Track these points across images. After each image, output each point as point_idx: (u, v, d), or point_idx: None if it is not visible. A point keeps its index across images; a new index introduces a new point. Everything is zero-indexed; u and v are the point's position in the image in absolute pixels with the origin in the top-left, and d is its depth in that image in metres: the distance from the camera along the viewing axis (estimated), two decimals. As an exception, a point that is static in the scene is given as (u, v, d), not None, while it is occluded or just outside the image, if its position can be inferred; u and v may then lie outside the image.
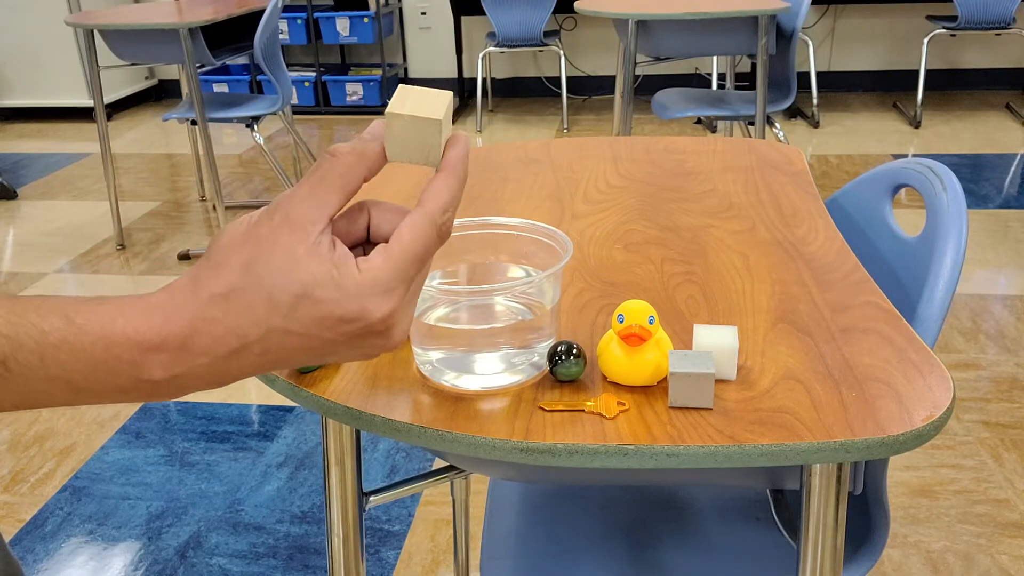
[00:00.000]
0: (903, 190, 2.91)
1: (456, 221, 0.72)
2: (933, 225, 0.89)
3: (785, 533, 0.95)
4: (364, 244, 0.47)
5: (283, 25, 5.00)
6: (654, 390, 0.65)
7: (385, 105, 5.11)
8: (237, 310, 0.41)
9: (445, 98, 0.45)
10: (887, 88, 5.26)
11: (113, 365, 0.41)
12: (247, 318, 0.41)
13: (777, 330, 0.73)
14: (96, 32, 3.01)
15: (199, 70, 4.70)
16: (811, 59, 4.78)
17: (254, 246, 0.42)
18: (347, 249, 0.43)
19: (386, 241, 0.44)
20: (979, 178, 3.66)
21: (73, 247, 3.31)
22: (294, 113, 5.18)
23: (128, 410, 2.22)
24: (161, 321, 0.41)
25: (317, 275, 0.41)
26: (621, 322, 0.63)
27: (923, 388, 0.63)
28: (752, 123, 2.95)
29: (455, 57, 5.30)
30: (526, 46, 4.53)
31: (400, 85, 0.46)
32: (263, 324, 0.42)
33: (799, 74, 5.02)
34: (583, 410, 0.63)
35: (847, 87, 5.29)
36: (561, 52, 4.78)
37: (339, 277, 0.42)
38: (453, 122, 4.84)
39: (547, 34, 4.65)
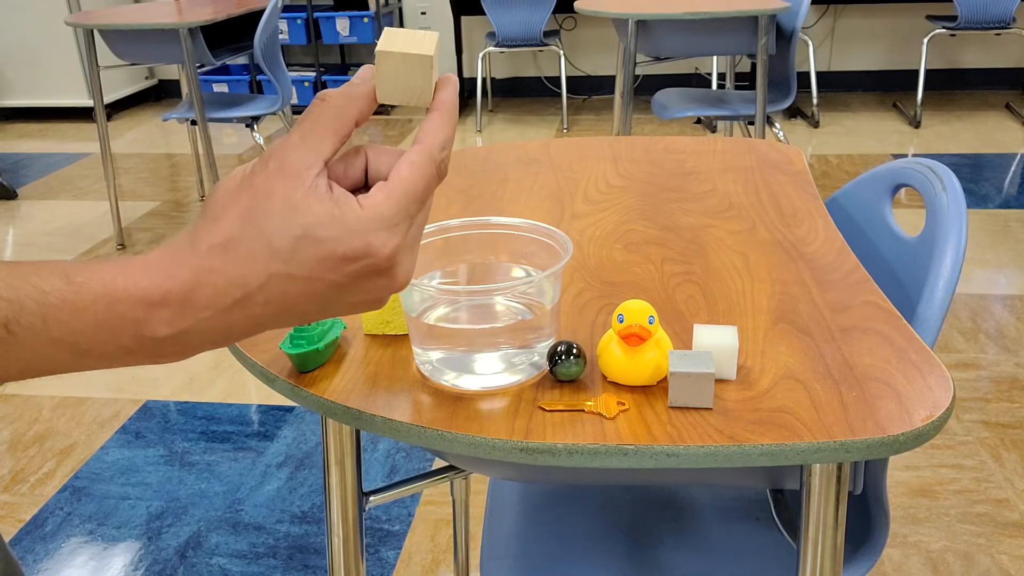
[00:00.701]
0: (903, 190, 2.90)
1: (456, 221, 0.72)
2: (933, 225, 0.89)
3: (785, 533, 0.95)
4: (362, 189, 0.46)
5: (283, 25, 5.00)
6: (654, 390, 0.65)
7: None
8: (237, 259, 0.41)
9: (433, 37, 0.45)
10: (887, 88, 5.26)
11: (116, 323, 0.40)
12: (248, 266, 0.41)
13: (777, 330, 0.73)
14: (96, 32, 3.01)
15: (199, 70, 4.70)
16: (811, 59, 4.78)
17: (250, 196, 0.41)
18: (345, 190, 0.43)
19: (385, 181, 0.44)
20: (979, 178, 3.66)
21: (73, 247, 3.31)
22: (294, 113, 5.18)
23: (128, 410, 2.22)
24: (162, 276, 0.41)
25: (318, 215, 0.41)
26: (621, 322, 0.63)
27: (923, 388, 0.63)
28: (752, 123, 2.95)
29: (455, 57, 5.30)
30: (526, 46, 4.53)
31: (387, 28, 0.45)
32: (264, 271, 0.41)
33: (799, 74, 5.02)
34: (583, 410, 0.63)
35: (847, 87, 5.29)
36: (561, 52, 4.78)
37: (341, 215, 0.41)
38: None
39: (547, 34, 4.65)
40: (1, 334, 0.39)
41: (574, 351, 0.65)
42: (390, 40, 0.44)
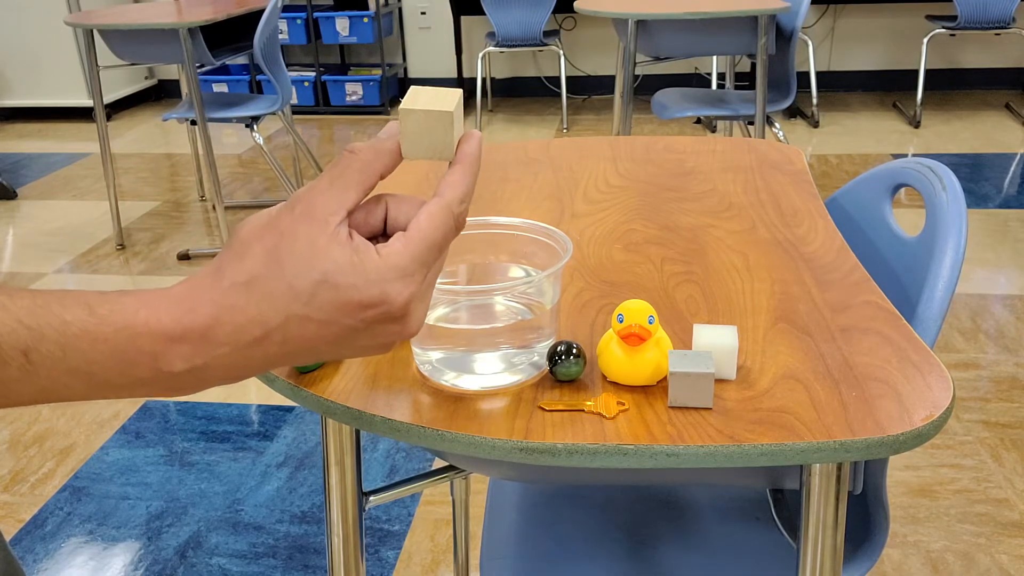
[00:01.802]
0: (903, 190, 2.91)
1: (456, 221, 0.72)
2: (933, 225, 0.89)
3: (785, 533, 0.95)
4: (381, 236, 0.47)
5: (283, 25, 5.00)
6: (654, 390, 0.65)
7: (384, 105, 5.12)
8: (259, 297, 0.42)
9: (456, 94, 0.47)
10: (887, 88, 5.26)
11: (134, 356, 0.41)
12: (268, 305, 0.42)
13: (777, 330, 0.73)
14: (96, 32, 3.01)
15: (199, 70, 4.70)
16: (811, 59, 4.78)
17: (275, 236, 0.43)
18: (364, 238, 0.44)
19: (403, 231, 0.45)
20: (979, 178, 3.66)
21: (73, 247, 3.30)
22: (294, 113, 5.18)
23: (128, 410, 2.22)
24: (183, 311, 0.41)
25: (338, 261, 0.42)
26: (621, 322, 0.63)
27: (923, 388, 0.63)
28: (752, 123, 2.95)
29: (455, 57, 5.29)
30: (526, 46, 4.53)
31: (412, 86, 0.47)
32: (283, 311, 0.42)
33: (799, 74, 5.02)
34: (583, 410, 0.63)
35: (847, 87, 5.29)
36: (561, 52, 4.78)
37: (359, 263, 0.42)
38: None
39: (547, 34, 4.65)
40: (20, 361, 0.39)
41: (574, 351, 0.65)
42: (413, 98, 0.46)
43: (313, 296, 0.42)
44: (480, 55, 4.82)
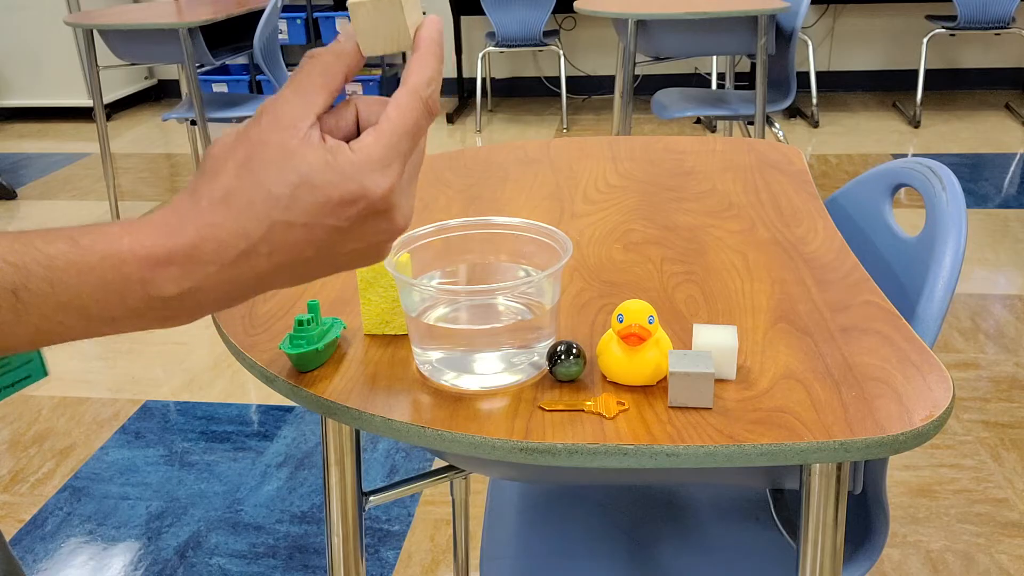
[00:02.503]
0: (903, 190, 2.91)
1: (456, 221, 0.72)
2: (932, 225, 0.89)
3: (785, 533, 0.95)
4: (353, 139, 0.47)
5: (282, 25, 5.00)
6: (654, 390, 0.65)
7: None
8: (238, 210, 0.42)
9: None
10: (887, 88, 5.27)
11: (122, 284, 0.41)
12: (249, 216, 0.42)
13: (776, 330, 0.73)
14: (95, 32, 3.01)
15: (199, 70, 4.70)
16: (811, 59, 4.78)
17: (246, 148, 0.42)
18: (337, 139, 0.44)
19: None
20: (979, 178, 3.66)
21: (73, 247, 3.30)
22: (294, 113, 5.17)
23: (128, 410, 2.22)
24: (166, 234, 0.41)
25: (312, 162, 0.42)
26: (621, 322, 0.64)
27: (922, 387, 0.63)
28: (751, 123, 2.95)
29: (455, 57, 5.29)
30: (525, 46, 4.53)
31: None
32: (265, 219, 0.42)
33: (798, 74, 5.02)
34: (583, 410, 0.63)
35: (846, 87, 5.30)
36: (560, 52, 4.78)
37: (334, 160, 0.42)
38: (452, 120, 4.85)
39: (546, 34, 4.65)
40: (10, 301, 0.39)
41: (574, 351, 0.65)
42: None
43: (293, 200, 0.42)
44: (480, 55, 4.82)
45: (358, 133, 0.46)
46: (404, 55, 5.41)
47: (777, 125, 3.05)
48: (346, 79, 0.45)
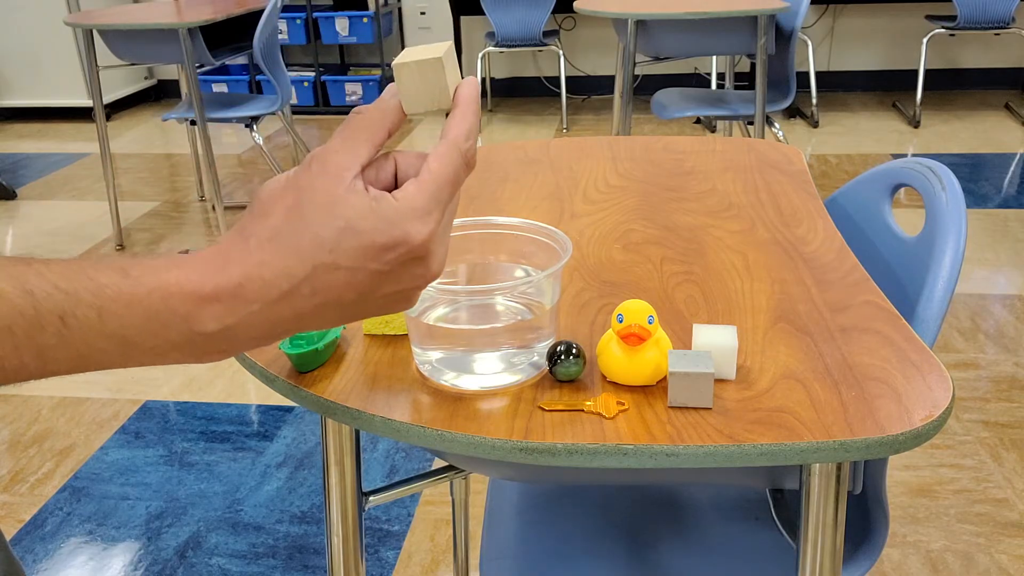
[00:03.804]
0: (902, 190, 2.91)
1: (456, 221, 0.72)
2: (932, 225, 0.89)
3: (785, 533, 0.95)
4: (392, 191, 0.49)
5: (282, 25, 5.00)
6: (653, 390, 0.65)
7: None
8: (285, 251, 0.43)
9: (445, 44, 0.49)
10: (886, 88, 5.27)
11: (167, 317, 0.42)
12: (294, 257, 0.43)
13: (776, 330, 0.73)
14: (95, 32, 3.01)
15: (198, 70, 4.70)
16: (810, 59, 4.78)
17: (295, 193, 0.44)
18: (378, 189, 0.46)
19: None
20: (978, 178, 3.66)
21: (72, 247, 3.30)
22: (293, 113, 5.18)
23: (128, 410, 2.22)
24: (213, 270, 0.43)
25: (358, 208, 0.44)
26: (620, 322, 0.64)
27: (922, 387, 0.63)
28: (751, 123, 2.95)
29: (454, 57, 5.30)
30: (525, 46, 4.53)
31: (406, 47, 0.49)
32: (310, 261, 0.43)
33: (798, 74, 5.02)
34: (583, 410, 0.63)
35: (846, 87, 5.30)
36: (560, 52, 4.78)
37: (378, 208, 0.44)
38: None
39: (546, 34, 4.65)
40: (56, 326, 0.40)
41: (573, 351, 0.65)
42: (405, 54, 0.48)
43: (338, 243, 0.43)
44: (480, 55, 4.82)
45: (395, 185, 0.49)
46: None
47: (777, 125, 3.05)
48: (389, 134, 0.48)
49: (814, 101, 4.66)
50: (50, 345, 0.40)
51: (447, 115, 0.49)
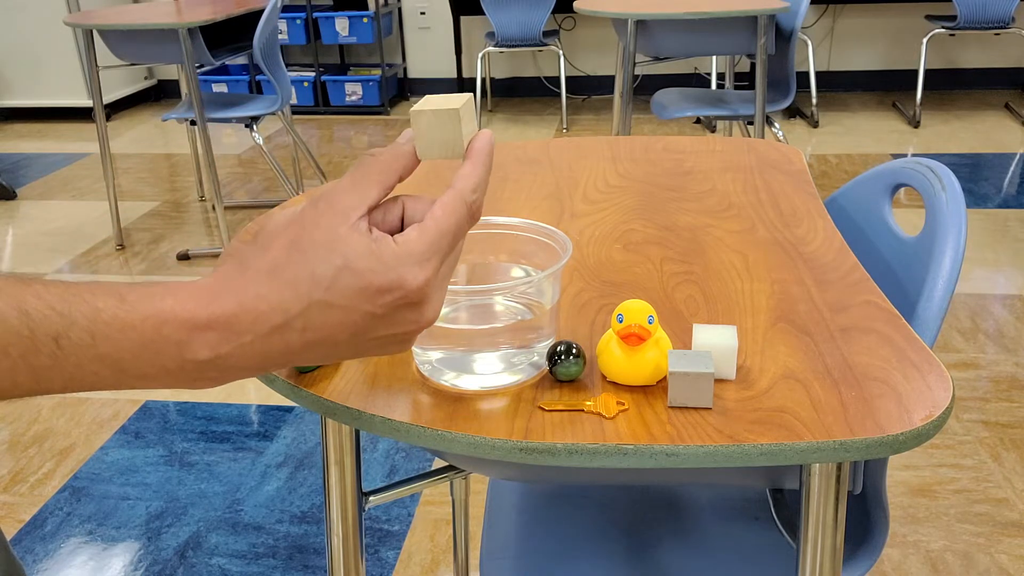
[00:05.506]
0: (902, 190, 2.91)
1: (455, 221, 0.72)
2: (932, 225, 0.89)
3: (785, 533, 0.95)
4: (398, 234, 0.49)
5: (282, 25, 5.00)
6: (653, 390, 0.65)
7: (384, 105, 5.12)
8: (281, 285, 0.43)
9: (465, 95, 0.50)
10: (886, 88, 5.27)
11: (160, 344, 0.42)
12: (290, 292, 0.43)
13: (776, 330, 0.73)
14: (95, 32, 3.01)
15: (198, 70, 4.70)
16: (810, 59, 4.78)
17: (298, 228, 0.45)
18: (382, 232, 0.46)
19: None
20: (978, 178, 3.66)
21: (72, 247, 3.30)
22: (293, 113, 5.18)
23: (128, 410, 2.22)
24: (209, 299, 0.43)
25: (357, 249, 0.44)
26: (620, 322, 0.64)
27: (922, 387, 0.63)
28: (751, 123, 2.95)
29: (454, 57, 5.29)
30: (525, 46, 4.53)
31: (427, 95, 0.50)
32: (306, 297, 0.43)
33: (798, 74, 5.02)
34: (583, 410, 0.63)
35: (846, 87, 5.30)
36: (560, 52, 4.78)
37: (378, 250, 0.44)
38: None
39: (546, 34, 4.65)
40: (51, 347, 0.40)
41: (573, 351, 0.65)
42: (424, 101, 0.49)
43: (334, 282, 0.43)
44: (480, 55, 4.83)
45: (401, 228, 0.49)
46: (404, 62, 5.41)
47: (777, 125, 3.05)
48: (400, 179, 0.48)
49: (814, 101, 4.66)
50: (44, 366, 0.40)
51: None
